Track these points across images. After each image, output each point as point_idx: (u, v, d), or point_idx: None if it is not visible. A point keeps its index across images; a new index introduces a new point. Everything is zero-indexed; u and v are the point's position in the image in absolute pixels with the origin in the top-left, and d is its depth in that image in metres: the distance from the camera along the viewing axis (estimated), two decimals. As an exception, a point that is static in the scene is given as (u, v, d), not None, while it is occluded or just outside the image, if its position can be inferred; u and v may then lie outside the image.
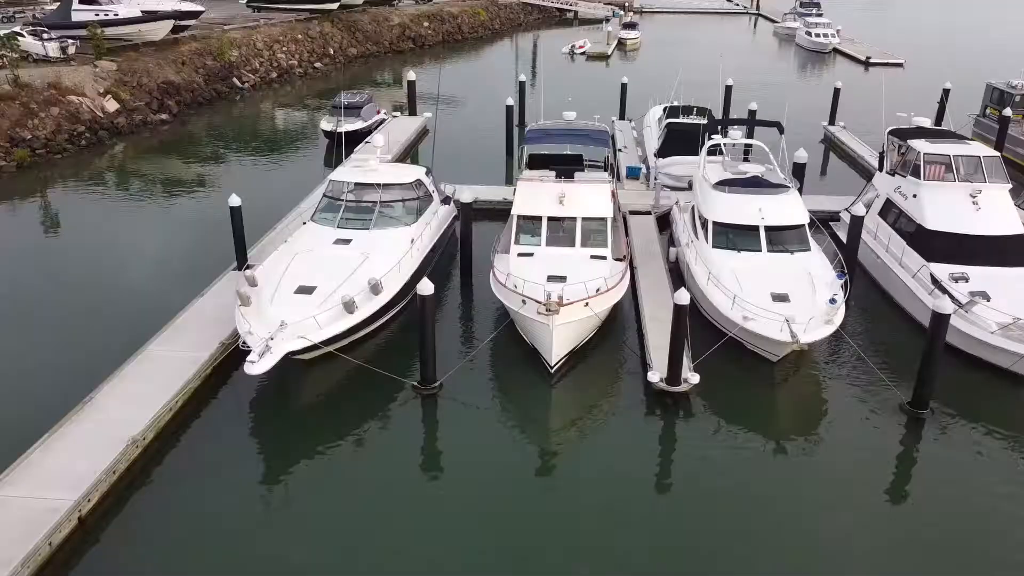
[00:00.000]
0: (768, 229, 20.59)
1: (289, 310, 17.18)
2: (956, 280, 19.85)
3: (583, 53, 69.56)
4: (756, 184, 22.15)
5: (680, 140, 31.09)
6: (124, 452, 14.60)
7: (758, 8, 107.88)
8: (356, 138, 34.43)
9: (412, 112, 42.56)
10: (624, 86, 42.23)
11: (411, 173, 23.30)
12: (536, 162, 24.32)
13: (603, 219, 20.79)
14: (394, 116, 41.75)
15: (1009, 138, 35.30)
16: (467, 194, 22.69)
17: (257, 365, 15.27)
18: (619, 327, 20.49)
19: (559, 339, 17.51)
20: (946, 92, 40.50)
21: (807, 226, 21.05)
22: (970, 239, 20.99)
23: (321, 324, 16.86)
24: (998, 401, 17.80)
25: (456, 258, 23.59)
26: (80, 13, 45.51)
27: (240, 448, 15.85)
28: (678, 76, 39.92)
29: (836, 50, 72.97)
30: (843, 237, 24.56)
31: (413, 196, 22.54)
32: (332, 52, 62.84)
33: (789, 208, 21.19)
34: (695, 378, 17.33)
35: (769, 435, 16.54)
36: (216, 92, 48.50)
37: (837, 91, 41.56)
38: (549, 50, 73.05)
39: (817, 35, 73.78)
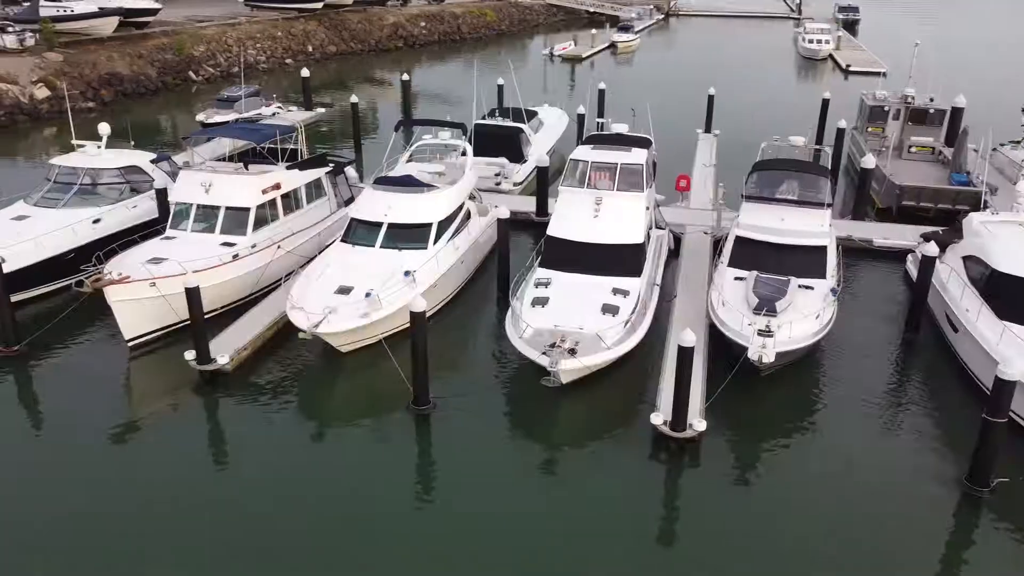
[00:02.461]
0: None
1: None
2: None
3: (560, 55, 70.02)
4: None
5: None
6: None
7: (800, 12, 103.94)
8: None
9: (307, 107, 45.13)
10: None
11: (128, 160, 25.48)
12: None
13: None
14: (289, 110, 44.34)
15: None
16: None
17: None
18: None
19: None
20: (826, 103, 39.02)
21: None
22: None
23: None
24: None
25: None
26: (45, 9, 50.52)
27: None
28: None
29: (831, 57, 70.05)
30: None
31: (120, 180, 24.82)
32: (310, 49, 66.22)
33: None
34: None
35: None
36: (164, 84, 52.66)
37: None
38: (535, 51, 74.13)
39: (811, 40, 71.04)
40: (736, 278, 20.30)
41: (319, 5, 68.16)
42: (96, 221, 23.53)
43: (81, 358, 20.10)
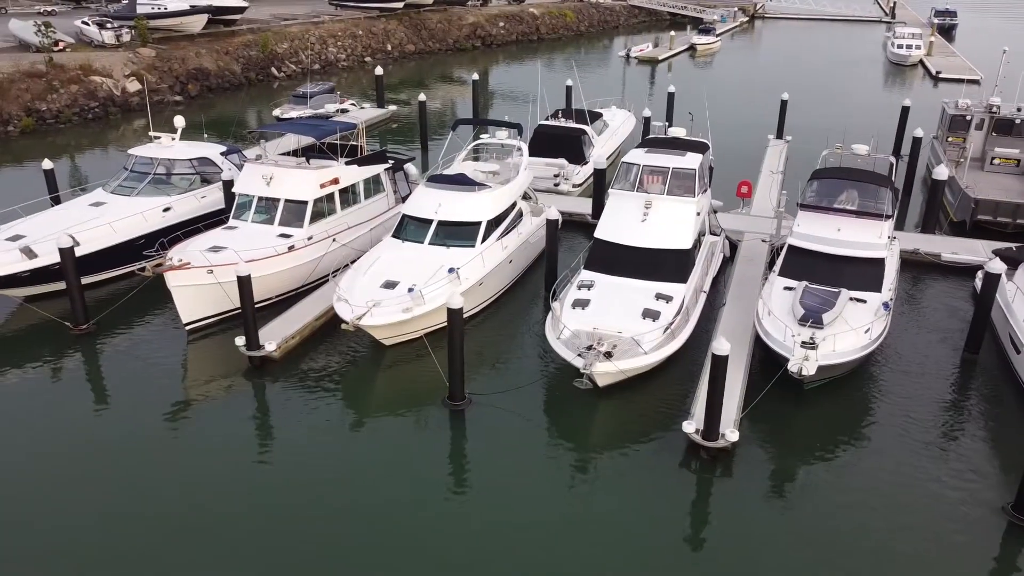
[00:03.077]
0: None
1: None
2: None
3: (636, 57, 69.44)
4: None
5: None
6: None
7: (893, 16, 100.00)
8: None
9: (380, 104, 46.14)
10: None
11: (200, 152, 26.66)
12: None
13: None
14: (362, 107, 45.53)
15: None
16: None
17: None
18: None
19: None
20: (905, 110, 37.59)
21: None
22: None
23: None
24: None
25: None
26: (142, 7, 53.23)
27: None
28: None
29: (922, 63, 67.20)
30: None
31: (192, 171, 26.00)
32: (389, 48, 67.63)
33: None
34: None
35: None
36: (248, 80, 54.73)
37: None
38: (613, 53, 73.75)
39: (900, 46, 68.27)
40: (786, 288, 19.83)
41: (400, 5, 69.56)
42: (166, 209, 24.71)
43: (143, 339, 21.16)
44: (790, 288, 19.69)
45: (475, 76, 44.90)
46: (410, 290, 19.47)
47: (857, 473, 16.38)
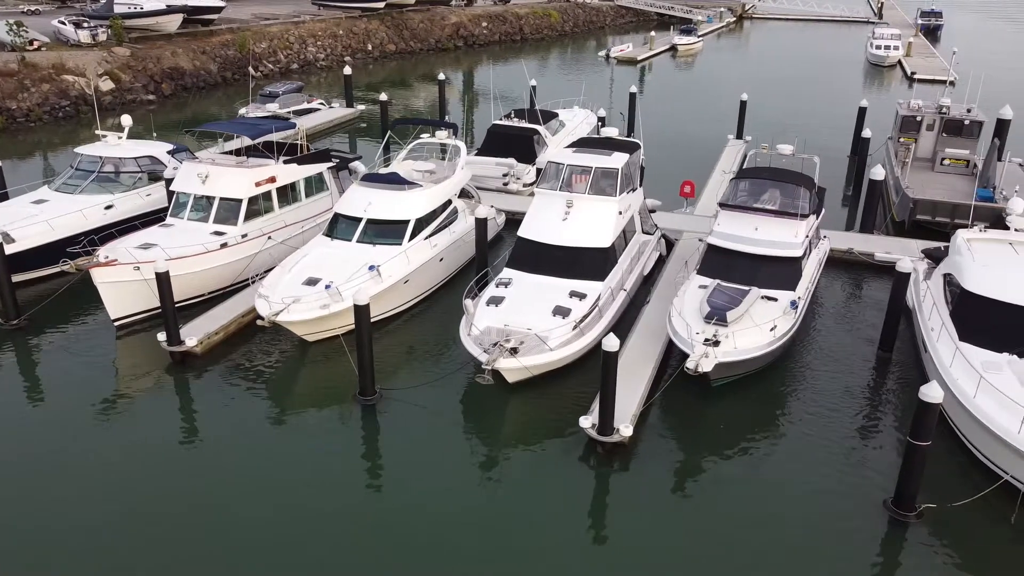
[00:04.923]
0: None
1: None
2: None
3: (616, 58, 69.71)
4: None
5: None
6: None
7: (880, 16, 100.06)
8: None
9: (349, 104, 46.56)
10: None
11: (146, 150, 27.04)
12: None
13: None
14: (331, 107, 45.95)
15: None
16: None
17: None
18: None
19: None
20: (862, 111, 37.84)
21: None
22: None
23: None
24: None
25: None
26: (119, 6, 53.71)
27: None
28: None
29: (900, 64, 67.36)
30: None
31: (137, 170, 26.40)
32: (370, 48, 68.01)
33: None
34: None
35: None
36: (224, 79, 55.16)
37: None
38: (596, 53, 74.04)
39: (878, 47, 68.40)
40: (700, 286, 20.14)
41: (381, 5, 69.95)
42: (108, 207, 25.12)
43: (73, 334, 21.54)
44: (704, 286, 19.99)
45: (441, 76, 45.26)
46: (327, 287, 19.83)
47: (753, 468, 16.70)
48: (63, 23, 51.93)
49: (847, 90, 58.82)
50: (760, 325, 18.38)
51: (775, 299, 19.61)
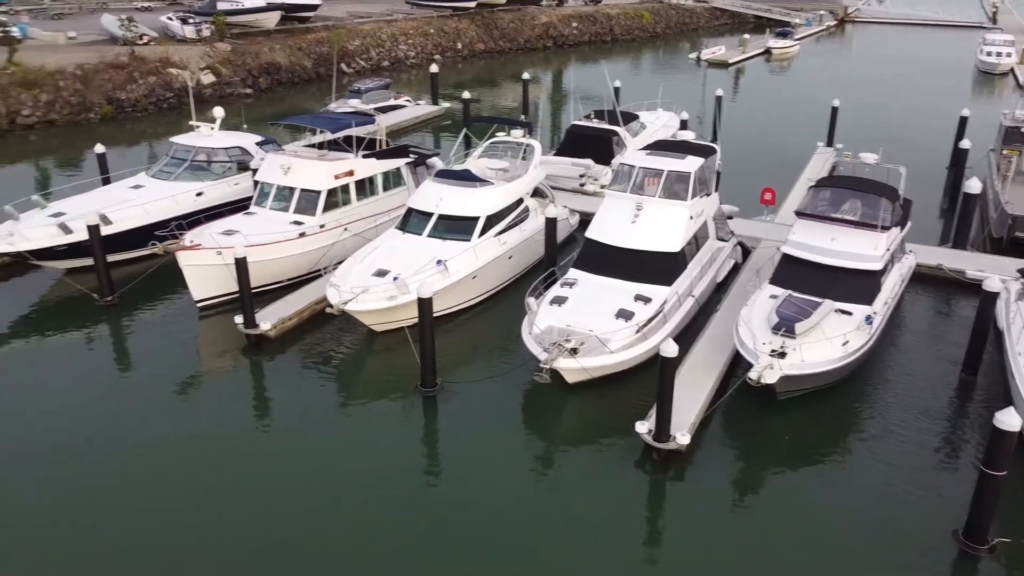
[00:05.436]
0: None
1: None
2: None
3: (706, 60, 68.41)
4: None
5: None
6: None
7: (994, 21, 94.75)
8: None
9: (434, 102, 47.35)
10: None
11: (236, 141, 28.19)
12: None
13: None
14: (417, 104, 46.83)
15: None
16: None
17: None
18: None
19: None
20: (963, 120, 35.91)
21: None
22: None
23: None
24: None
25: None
26: (222, 3, 56.16)
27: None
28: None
29: (1013, 72, 63.59)
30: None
31: (227, 160, 27.56)
32: (459, 47, 68.89)
33: None
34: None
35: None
36: (318, 75, 56.91)
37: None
38: (688, 55, 72.89)
39: (989, 53, 64.73)
40: (771, 296, 19.59)
41: (472, 4, 70.76)
42: (199, 194, 26.30)
43: (160, 313, 22.73)
44: (775, 296, 19.45)
45: (526, 75, 45.49)
46: (395, 279, 20.23)
47: (816, 486, 16.16)
48: (171, 19, 54.66)
49: (951, 99, 56.04)
50: (831, 339, 17.75)
51: (850, 313, 18.90)
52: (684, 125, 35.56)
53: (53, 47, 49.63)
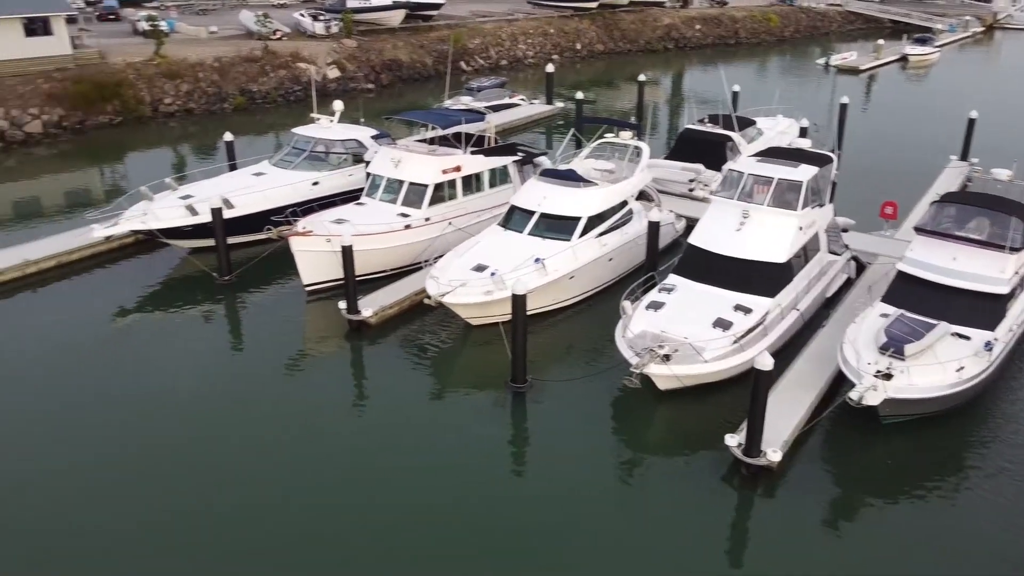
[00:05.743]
0: None
1: None
2: None
3: (836, 66, 65.44)
4: None
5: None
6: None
7: None
8: None
9: (549, 101, 47.55)
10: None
11: (353, 134, 29.22)
12: None
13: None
14: (531, 103, 47.16)
15: None
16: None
17: None
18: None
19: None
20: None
21: None
22: None
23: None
24: None
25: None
26: (351, 1, 58.36)
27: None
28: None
29: None
30: None
31: (343, 152, 28.64)
32: (578, 47, 68.82)
33: None
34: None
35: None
36: (437, 72, 58.18)
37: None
38: (815, 59, 70.04)
39: None
40: (882, 315, 18.62)
41: (594, 5, 70.58)
42: (315, 183, 27.48)
43: (271, 294, 23.95)
44: (886, 315, 18.47)
45: (642, 77, 44.99)
46: (492, 274, 20.48)
47: (915, 519, 15.30)
48: (303, 16, 57.28)
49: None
50: (944, 364, 16.69)
51: (968, 338, 17.71)
52: (804, 133, 34.22)
53: (196, 41, 52.97)
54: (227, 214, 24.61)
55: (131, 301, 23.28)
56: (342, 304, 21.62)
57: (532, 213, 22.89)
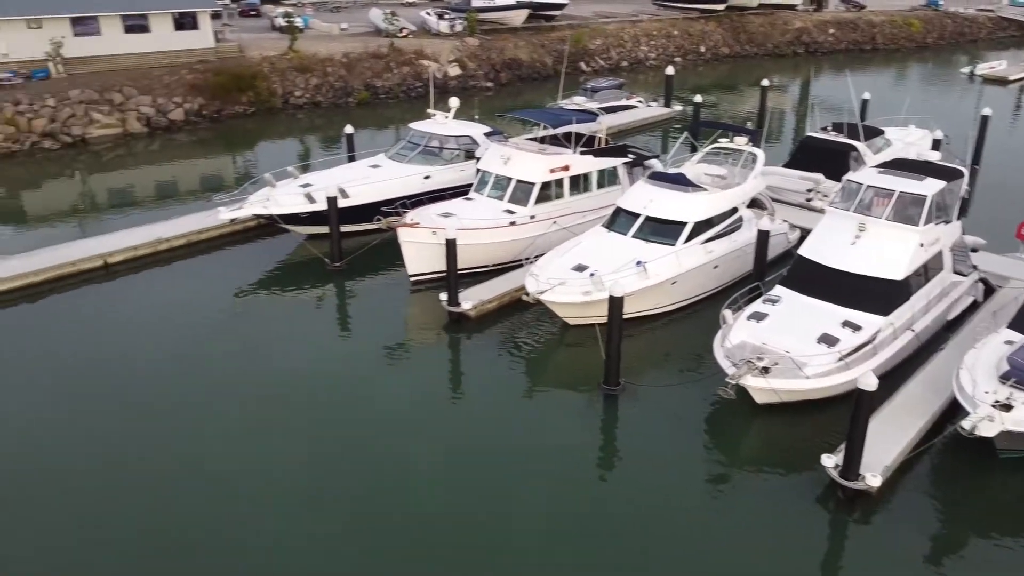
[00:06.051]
0: None
1: None
2: None
3: (981, 75, 61.16)
4: None
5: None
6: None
7: None
8: None
9: (667, 104, 46.84)
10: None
11: (466, 130, 29.77)
12: None
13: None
14: (649, 105, 46.62)
15: None
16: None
17: None
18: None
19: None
20: None
21: None
22: None
23: None
24: None
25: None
26: (476, 0, 59.44)
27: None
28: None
29: None
30: None
31: (456, 147, 29.23)
32: (702, 50, 67.37)
33: None
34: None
35: None
36: (557, 72, 58.33)
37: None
38: (959, 68, 65.81)
39: None
40: (1007, 342, 17.35)
41: (722, 7, 68.91)
42: (427, 177, 28.19)
43: (378, 282, 24.82)
44: (1011, 343, 17.20)
45: (765, 82, 43.62)
46: (592, 274, 20.42)
47: (1004, 566, 14.18)
48: (429, 14, 58.79)
49: None
50: None
51: None
52: (937, 145, 32.26)
53: (327, 37, 55.34)
54: (342, 203, 25.62)
55: (249, 281, 24.64)
56: (443, 296, 22.12)
57: (637, 216, 22.65)
